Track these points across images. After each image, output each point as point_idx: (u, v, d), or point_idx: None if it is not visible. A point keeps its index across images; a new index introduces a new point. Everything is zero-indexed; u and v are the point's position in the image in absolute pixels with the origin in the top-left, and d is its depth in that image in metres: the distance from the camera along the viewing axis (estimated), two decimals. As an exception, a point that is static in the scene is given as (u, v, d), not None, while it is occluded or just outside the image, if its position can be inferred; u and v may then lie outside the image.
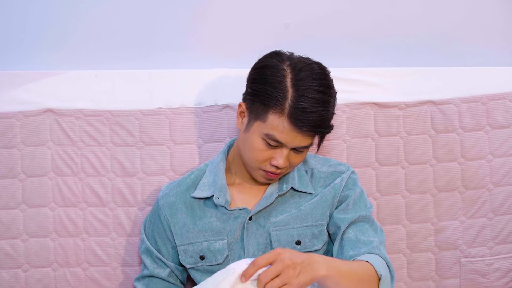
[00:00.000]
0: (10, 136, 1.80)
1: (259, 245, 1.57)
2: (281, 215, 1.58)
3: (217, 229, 1.58)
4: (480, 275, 1.86)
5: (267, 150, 1.50)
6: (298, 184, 1.60)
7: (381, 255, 1.48)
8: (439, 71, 1.88)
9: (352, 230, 1.54)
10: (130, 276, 1.81)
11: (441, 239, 1.86)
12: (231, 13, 1.89)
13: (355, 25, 1.90)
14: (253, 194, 1.62)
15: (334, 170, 1.63)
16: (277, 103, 1.44)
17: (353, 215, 1.56)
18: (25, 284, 1.80)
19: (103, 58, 1.87)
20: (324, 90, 1.47)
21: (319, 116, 1.45)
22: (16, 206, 1.80)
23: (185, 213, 1.62)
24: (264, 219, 1.57)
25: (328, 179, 1.62)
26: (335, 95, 1.51)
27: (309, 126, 1.45)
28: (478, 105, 1.87)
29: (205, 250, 1.59)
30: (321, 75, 1.48)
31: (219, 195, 1.58)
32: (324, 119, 1.46)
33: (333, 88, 1.51)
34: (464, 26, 1.92)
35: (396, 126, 1.85)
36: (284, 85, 1.45)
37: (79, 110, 1.82)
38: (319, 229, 1.58)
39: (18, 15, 1.85)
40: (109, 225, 1.81)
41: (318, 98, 1.45)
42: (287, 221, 1.57)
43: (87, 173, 1.81)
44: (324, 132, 1.50)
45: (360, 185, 1.63)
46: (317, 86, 1.46)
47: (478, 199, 1.86)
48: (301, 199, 1.60)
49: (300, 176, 1.62)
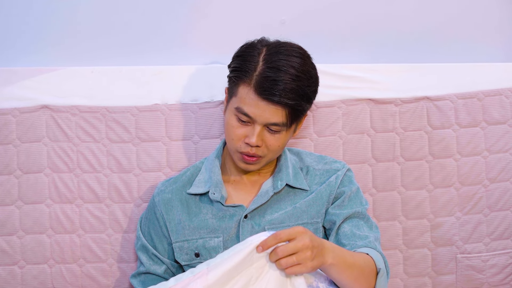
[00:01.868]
0: (6, 132, 1.80)
1: None
2: (276, 213, 1.57)
3: (212, 227, 1.58)
4: (476, 271, 1.86)
5: (241, 127, 1.51)
6: (293, 181, 1.60)
7: (377, 250, 1.49)
8: (435, 67, 1.89)
9: (347, 225, 1.55)
10: (126, 272, 1.81)
11: (437, 235, 1.86)
12: (226, 9, 1.89)
13: (351, 21, 1.90)
14: (248, 190, 1.62)
15: (329, 168, 1.64)
16: (246, 74, 1.48)
17: (349, 211, 1.56)
18: (21, 281, 1.80)
19: (99, 55, 1.86)
20: (296, 66, 1.47)
21: (284, 85, 1.44)
22: (12, 202, 1.80)
23: (180, 209, 1.61)
24: (260, 217, 1.57)
25: (324, 177, 1.62)
26: (311, 77, 1.50)
27: (273, 95, 1.44)
28: (474, 101, 1.87)
29: (200, 247, 1.58)
30: (297, 54, 1.50)
31: (214, 191, 1.58)
32: (290, 90, 1.45)
33: (309, 69, 1.50)
34: (460, 22, 1.92)
35: (392, 122, 1.85)
36: (256, 59, 1.49)
37: (75, 106, 1.82)
38: (314, 227, 1.57)
39: (14, 12, 1.85)
40: (105, 221, 1.81)
41: (287, 71, 1.45)
42: (282, 219, 1.57)
43: (83, 170, 1.81)
44: (290, 104, 1.46)
45: (356, 182, 1.63)
46: (289, 62, 1.47)
47: (474, 195, 1.86)
48: (296, 196, 1.60)
49: (295, 173, 1.62)
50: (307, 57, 1.53)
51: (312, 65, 1.53)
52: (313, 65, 1.53)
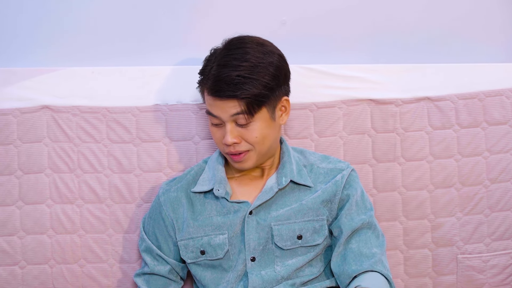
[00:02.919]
0: (6, 133, 1.80)
1: (260, 239, 1.57)
2: (281, 209, 1.59)
3: (217, 224, 1.59)
4: (477, 272, 1.86)
5: (218, 130, 1.57)
6: (297, 177, 1.61)
7: (383, 271, 1.51)
8: (436, 67, 1.88)
9: (355, 240, 1.57)
10: (127, 272, 1.81)
11: (438, 235, 1.86)
12: (227, 9, 1.89)
13: (352, 22, 1.90)
14: (253, 186, 1.64)
15: (333, 167, 1.64)
16: (204, 79, 1.57)
17: (356, 223, 1.57)
18: (22, 281, 1.80)
19: (99, 55, 1.87)
20: (240, 57, 1.52)
21: (229, 79, 1.50)
22: (12, 203, 1.80)
23: (186, 208, 1.63)
24: (265, 213, 1.58)
25: (328, 176, 1.63)
26: (260, 63, 1.52)
27: (222, 91, 1.50)
28: (474, 102, 1.87)
29: (205, 245, 1.59)
30: (244, 45, 1.55)
31: (219, 187, 1.60)
32: (236, 83, 1.49)
33: (256, 56, 1.53)
34: (461, 23, 1.92)
35: (393, 123, 1.85)
36: (211, 62, 1.56)
37: (75, 106, 1.82)
38: (320, 224, 1.59)
39: (14, 12, 1.85)
40: (106, 222, 1.81)
41: (230, 64, 1.51)
42: (289, 215, 1.58)
43: (84, 170, 1.81)
44: (240, 96, 1.50)
45: (360, 184, 1.65)
46: (234, 55, 1.53)
47: (475, 196, 1.86)
48: (301, 193, 1.61)
49: (299, 169, 1.63)
50: (260, 45, 1.56)
51: (266, 51, 1.55)
52: (268, 50, 1.55)
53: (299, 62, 1.84)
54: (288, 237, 1.57)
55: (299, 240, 1.57)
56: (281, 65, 1.57)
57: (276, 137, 1.61)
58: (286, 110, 1.61)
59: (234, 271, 1.58)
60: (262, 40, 1.60)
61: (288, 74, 1.61)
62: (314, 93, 1.84)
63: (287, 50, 1.88)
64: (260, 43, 1.57)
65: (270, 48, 1.58)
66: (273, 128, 1.58)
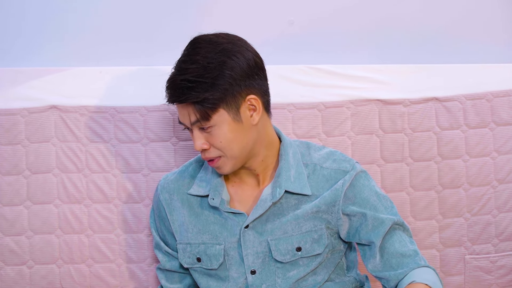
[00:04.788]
0: (14, 132, 1.80)
1: (258, 253, 1.52)
2: (278, 220, 1.51)
3: (214, 232, 1.54)
4: (485, 272, 1.86)
5: (191, 136, 1.49)
6: (293, 186, 1.51)
7: (428, 265, 1.49)
8: (443, 68, 1.88)
9: (389, 244, 1.50)
10: (135, 272, 1.81)
11: (446, 236, 1.86)
12: (235, 9, 1.89)
13: (360, 22, 1.90)
14: (250, 193, 1.55)
15: (337, 167, 1.53)
16: None
17: (384, 228, 1.50)
18: (29, 281, 1.80)
19: (107, 55, 1.86)
20: (185, 58, 1.44)
21: (173, 82, 1.42)
22: (20, 202, 1.80)
23: (182, 210, 1.57)
24: (261, 226, 1.52)
25: (331, 180, 1.52)
26: (205, 64, 1.41)
27: (172, 96, 1.43)
28: (482, 102, 1.87)
29: (201, 253, 1.55)
30: (190, 46, 1.46)
31: (213, 195, 1.53)
32: (176, 85, 1.42)
33: (201, 55, 1.42)
34: (469, 23, 1.91)
35: (401, 123, 1.85)
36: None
37: (83, 106, 1.82)
38: (318, 234, 1.51)
39: (22, 11, 1.85)
40: (113, 221, 1.81)
41: (178, 68, 1.44)
42: (285, 228, 1.51)
43: (92, 170, 1.81)
44: (187, 100, 1.41)
45: (371, 183, 1.55)
46: (181, 57, 1.45)
47: (483, 196, 1.86)
48: (298, 201, 1.52)
49: (298, 174, 1.52)
50: (212, 43, 1.44)
51: (218, 50, 1.42)
52: (221, 49, 1.43)
53: (306, 62, 1.85)
54: (287, 250, 1.51)
55: (298, 252, 1.51)
56: (240, 63, 1.43)
57: (250, 139, 1.47)
58: (256, 109, 1.47)
59: (233, 282, 1.53)
60: (223, 36, 1.47)
61: (255, 70, 1.46)
62: (322, 92, 1.84)
63: (294, 50, 1.89)
64: (213, 41, 1.45)
65: (226, 46, 1.44)
66: (241, 131, 1.45)
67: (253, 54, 1.47)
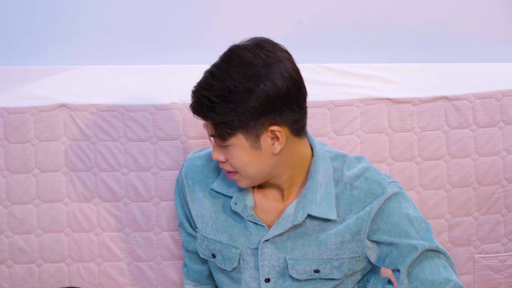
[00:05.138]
0: (24, 131, 1.80)
1: (274, 267, 1.46)
2: (300, 241, 1.44)
3: (232, 235, 1.49)
4: (494, 271, 1.86)
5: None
6: (317, 209, 1.41)
7: None
8: (453, 67, 1.88)
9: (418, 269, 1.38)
10: (144, 271, 1.81)
11: (455, 235, 1.86)
12: (244, 8, 1.89)
13: (369, 21, 1.90)
14: (274, 206, 1.47)
15: (368, 189, 1.42)
16: None
17: (414, 255, 1.38)
18: (39, 279, 1.80)
19: (116, 53, 1.87)
20: (215, 72, 1.33)
21: (196, 94, 1.34)
22: (30, 201, 1.80)
23: (204, 203, 1.52)
24: (282, 242, 1.45)
25: (360, 202, 1.42)
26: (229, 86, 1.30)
27: (193, 107, 1.36)
28: (492, 101, 1.86)
29: (217, 251, 1.51)
30: (225, 58, 1.35)
31: (237, 199, 1.46)
32: (197, 99, 1.34)
33: (231, 74, 1.31)
34: (478, 22, 1.92)
35: (410, 122, 1.85)
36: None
37: (93, 105, 1.82)
38: (339, 262, 1.44)
39: (31, 10, 1.85)
40: (122, 220, 1.81)
41: (205, 80, 1.34)
42: (306, 251, 1.44)
43: (101, 168, 1.81)
44: (203, 117, 1.35)
45: (401, 206, 1.41)
46: (212, 68, 1.35)
47: (492, 195, 1.86)
48: (321, 227, 1.43)
49: (327, 194, 1.42)
50: (247, 64, 1.32)
51: (249, 74, 1.31)
52: (253, 73, 1.31)
53: (316, 61, 1.85)
54: (304, 271, 1.45)
55: (316, 273, 1.45)
56: (269, 94, 1.31)
57: (268, 165, 1.38)
58: (280, 140, 1.35)
59: (245, 286, 1.49)
60: (261, 56, 1.33)
61: (285, 100, 1.33)
62: (331, 91, 1.84)
63: (304, 49, 1.88)
64: (247, 61, 1.32)
65: (259, 71, 1.31)
66: (259, 157, 1.36)
67: (288, 80, 1.33)
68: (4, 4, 1.83)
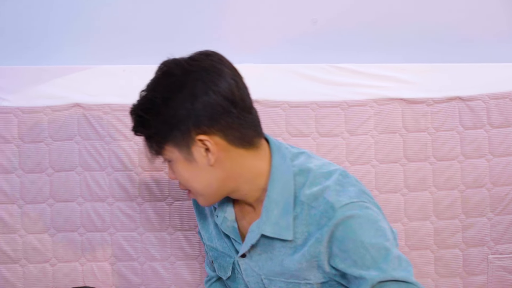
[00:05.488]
0: (38, 130, 1.81)
1: (257, 283, 1.40)
2: (269, 262, 1.35)
3: (224, 245, 1.45)
4: (508, 272, 1.85)
5: None
6: (271, 229, 1.30)
7: None
8: (467, 67, 1.88)
9: None
10: (158, 271, 1.81)
11: (469, 235, 1.85)
12: (257, 8, 1.89)
13: (383, 21, 1.89)
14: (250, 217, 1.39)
15: (323, 211, 1.26)
16: None
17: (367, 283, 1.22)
18: (52, 279, 1.80)
19: (131, 53, 1.87)
20: (144, 87, 1.32)
21: (130, 115, 1.32)
22: (43, 200, 1.80)
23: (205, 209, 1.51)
24: (256, 260, 1.37)
25: (315, 226, 1.27)
26: (150, 97, 1.28)
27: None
28: (506, 102, 1.86)
29: (214, 258, 1.50)
30: (156, 70, 1.32)
31: (219, 212, 1.42)
32: (132, 118, 1.32)
33: (153, 85, 1.30)
34: (493, 22, 1.91)
35: (424, 122, 1.85)
36: None
37: (107, 104, 1.82)
38: (308, 287, 1.33)
39: (46, 10, 1.85)
40: (136, 219, 1.81)
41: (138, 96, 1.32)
42: (276, 272, 1.35)
43: (115, 168, 1.81)
44: (135, 132, 1.32)
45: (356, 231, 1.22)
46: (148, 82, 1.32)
47: (506, 196, 1.85)
48: (286, 249, 1.32)
49: (284, 214, 1.30)
50: (167, 75, 1.29)
51: (169, 83, 1.28)
52: (173, 83, 1.27)
53: (329, 61, 1.85)
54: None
55: None
56: (186, 101, 1.24)
57: (211, 178, 1.30)
58: (211, 150, 1.27)
59: None
60: (181, 66, 1.28)
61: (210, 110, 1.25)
62: (345, 91, 1.84)
63: (318, 48, 1.89)
64: (169, 72, 1.29)
65: (179, 79, 1.26)
66: (197, 171, 1.29)
67: (210, 89, 1.25)
68: (19, 4, 1.83)
